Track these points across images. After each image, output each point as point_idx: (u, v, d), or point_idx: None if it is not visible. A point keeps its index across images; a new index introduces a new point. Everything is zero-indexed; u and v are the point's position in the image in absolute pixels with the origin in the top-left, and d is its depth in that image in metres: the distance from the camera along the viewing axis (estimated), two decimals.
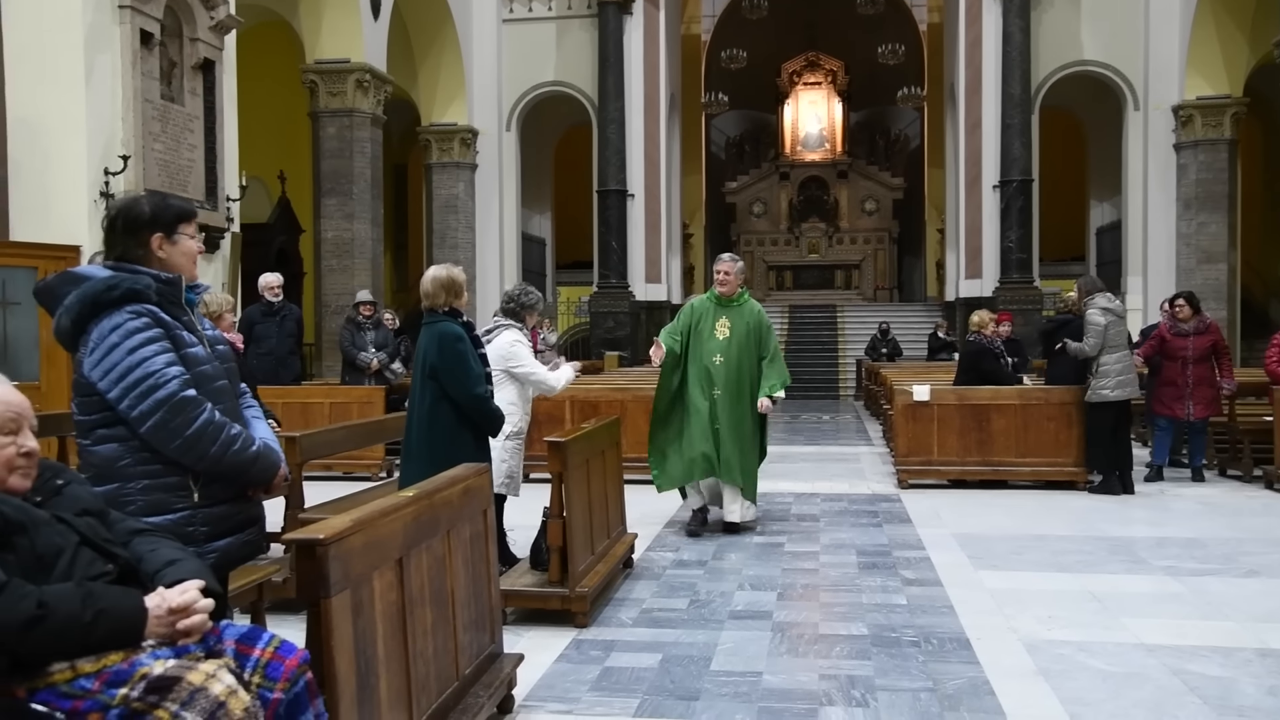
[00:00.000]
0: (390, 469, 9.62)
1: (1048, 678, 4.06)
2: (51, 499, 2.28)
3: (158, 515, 2.64)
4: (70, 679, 2.02)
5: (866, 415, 16.73)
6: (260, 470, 2.85)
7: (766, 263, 30.42)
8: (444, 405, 4.82)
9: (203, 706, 2.01)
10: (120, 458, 2.66)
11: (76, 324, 2.66)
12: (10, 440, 2.21)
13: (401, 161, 25.12)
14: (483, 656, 3.61)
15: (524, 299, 5.83)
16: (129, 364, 2.62)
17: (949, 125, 22.47)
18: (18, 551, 2.09)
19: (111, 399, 2.63)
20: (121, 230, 2.78)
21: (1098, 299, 8.53)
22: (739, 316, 6.95)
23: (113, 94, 9.63)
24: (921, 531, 7.06)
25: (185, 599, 2.18)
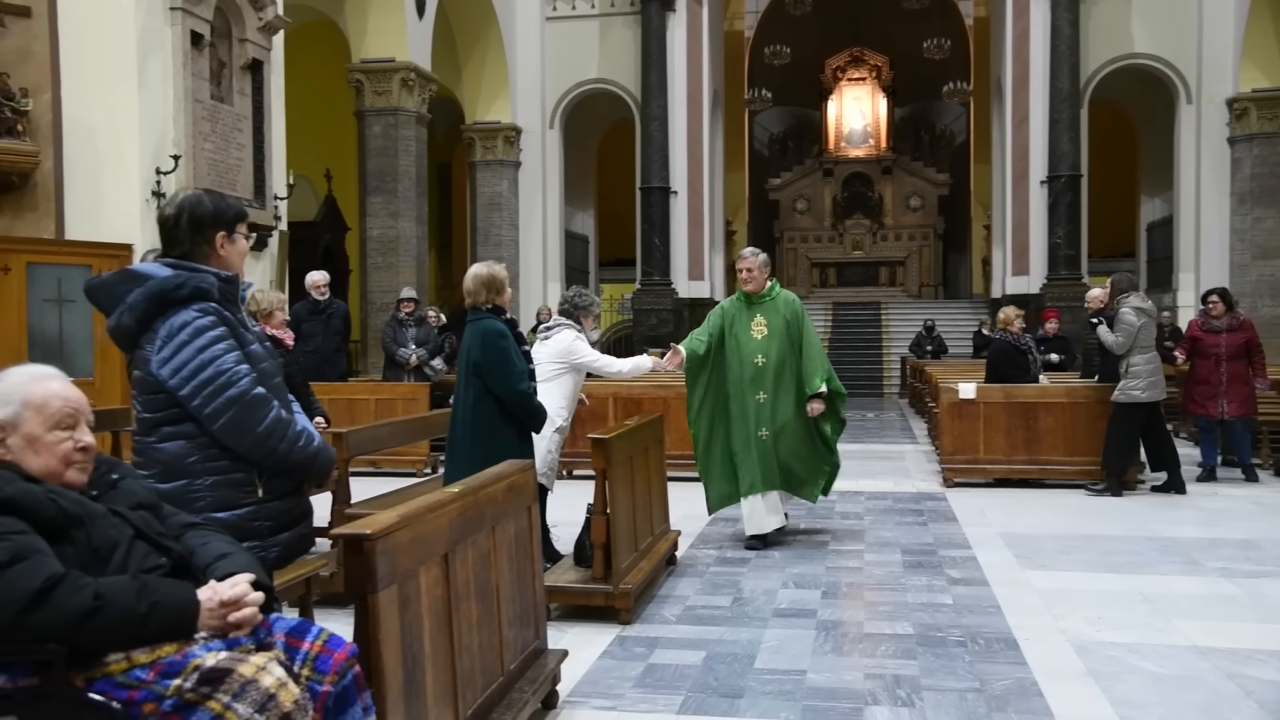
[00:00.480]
0: (434, 465, 9.69)
1: (1097, 679, 4.00)
2: (107, 493, 2.32)
3: (224, 511, 2.68)
4: (126, 669, 2.05)
5: (911, 413, 16.59)
6: (321, 465, 2.89)
7: (810, 259, 30.26)
8: (488, 402, 4.84)
9: (254, 698, 2.04)
10: (187, 455, 2.69)
11: (142, 322, 2.69)
12: (68, 435, 2.25)
13: (446, 160, 25.28)
14: (527, 652, 3.63)
15: (578, 300, 5.89)
16: (200, 362, 2.65)
17: (995, 120, 22.20)
18: (75, 544, 2.13)
19: (182, 396, 2.65)
20: (187, 227, 2.79)
21: (1131, 298, 8.37)
22: (774, 311, 6.50)
23: (164, 94, 9.78)
24: (967, 530, 6.99)
25: (236, 592, 2.21)
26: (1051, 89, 18.57)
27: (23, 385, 2.24)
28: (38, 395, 2.24)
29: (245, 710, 2.02)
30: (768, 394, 6.37)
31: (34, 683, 2.02)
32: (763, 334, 6.46)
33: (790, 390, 6.42)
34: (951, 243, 30.40)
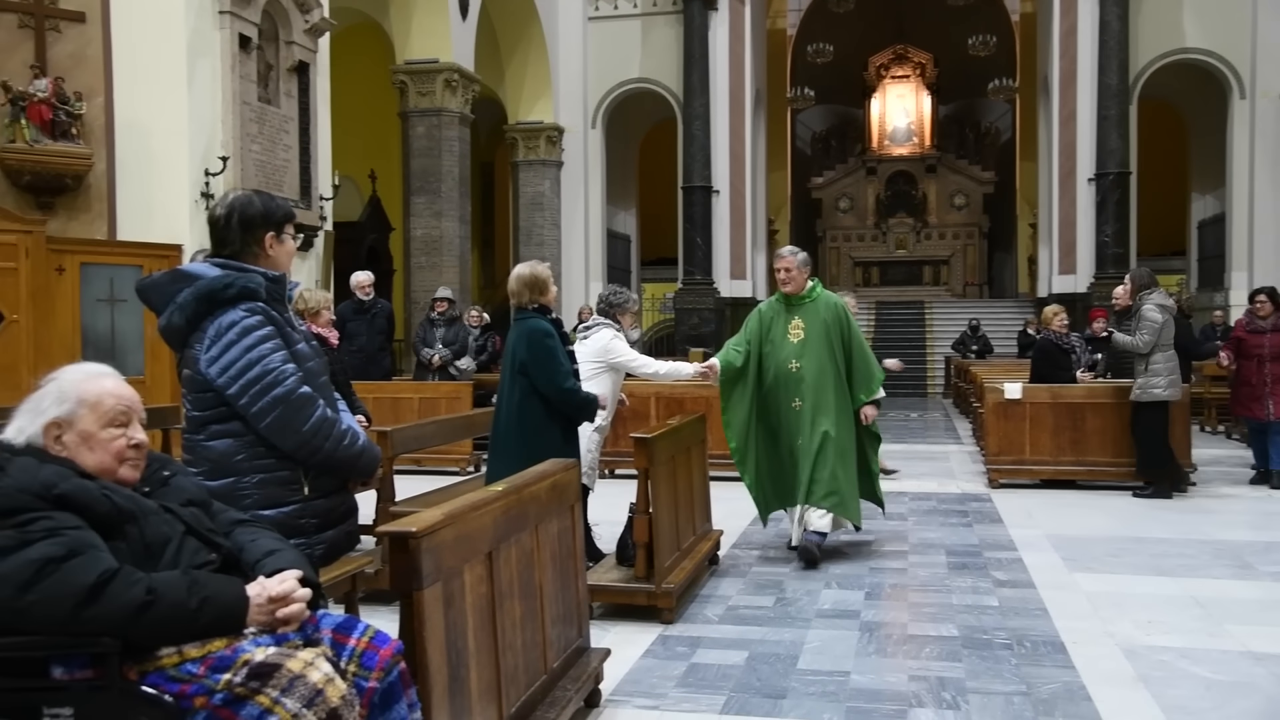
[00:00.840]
0: (477, 463, 9.74)
1: (1148, 685, 3.94)
2: (159, 489, 2.36)
3: (271, 509, 2.71)
4: (177, 663, 2.08)
5: (955, 413, 16.43)
6: (366, 463, 2.91)
7: (853, 259, 30.09)
8: (532, 401, 4.85)
9: (301, 693, 2.06)
10: (235, 453, 2.73)
11: (191, 321, 2.73)
12: (121, 432, 2.29)
13: (488, 159, 25.42)
14: (570, 650, 3.63)
15: (613, 299, 5.88)
16: (248, 361, 2.68)
17: (1042, 117, 21.93)
18: (128, 540, 2.17)
19: (230, 395, 2.69)
20: (238, 227, 2.82)
21: (1154, 294, 8.21)
22: (812, 314, 6.09)
23: (212, 97, 9.92)
24: (1013, 532, 6.91)
25: (284, 588, 2.23)
26: (1100, 85, 18.31)
27: (78, 383, 2.28)
28: (92, 393, 2.28)
29: (293, 705, 2.04)
30: (803, 401, 5.99)
31: (89, 675, 2.05)
32: (799, 338, 6.06)
33: (830, 398, 5.97)
34: (997, 241, 30.09)
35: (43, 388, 2.28)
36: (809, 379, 5.99)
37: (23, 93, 9.12)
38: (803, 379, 6.00)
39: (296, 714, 2.04)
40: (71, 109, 9.31)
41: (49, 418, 2.23)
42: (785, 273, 6.13)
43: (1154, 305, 8.11)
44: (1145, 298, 8.20)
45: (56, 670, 2.07)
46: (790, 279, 6.12)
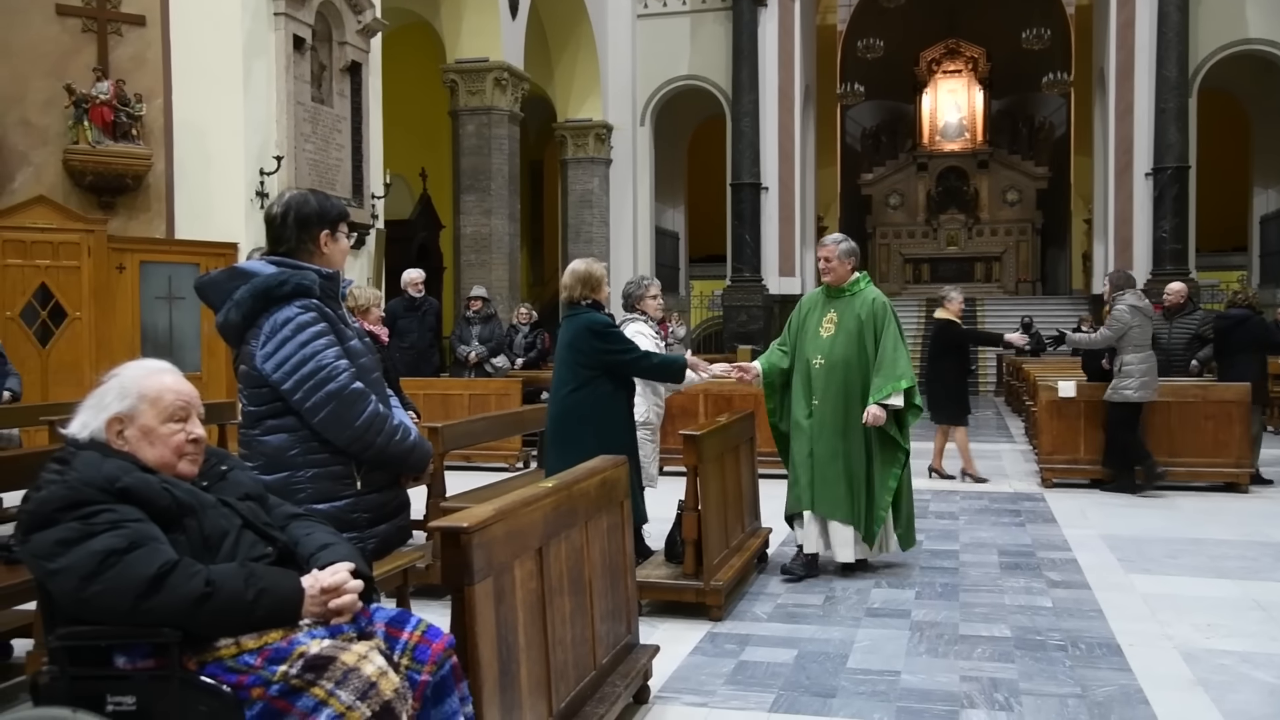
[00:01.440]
0: (526, 460, 9.80)
1: (1208, 689, 3.86)
2: (217, 484, 2.40)
3: (324, 503, 2.74)
4: (235, 654, 2.12)
5: (1007, 411, 16.23)
6: (417, 459, 2.94)
7: (903, 255, 29.80)
8: (578, 395, 4.87)
9: (355, 686, 2.08)
10: (289, 448, 2.77)
11: (247, 317, 2.77)
12: (180, 427, 2.33)
13: (538, 157, 25.53)
14: (619, 646, 3.64)
15: (628, 289, 5.84)
16: (302, 357, 2.71)
17: (1098, 111, 21.57)
18: (188, 533, 2.21)
19: (285, 390, 2.73)
20: (294, 225, 2.86)
21: (1127, 295, 8.19)
22: (849, 308, 5.57)
23: (267, 97, 10.07)
24: (1067, 532, 6.82)
25: (336, 579, 2.26)
26: (1158, 78, 17.98)
27: (139, 379, 2.33)
28: (153, 389, 2.32)
29: (348, 697, 2.07)
30: (819, 401, 5.49)
31: (150, 665, 2.10)
32: (829, 332, 5.55)
33: (854, 401, 5.45)
34: (1050, 237, 29.64)
35: (105, 384, 2.33)
36: (829, 377, 5.48)
37: (86, 95, 9.33)
38: (822, 376, 5.50)
39: (350, 706, 2.06)
40: (132, 110, 9.50)
41: (111, 413, 2.28)
42: (825, 262, 5.67)
43: (1125, 306, 8.12)
44: (1119, 298, 8.21)
45: (119, 660, 2.12)
46: (830, 269, 5.64)
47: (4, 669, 4.27)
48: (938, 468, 9.20)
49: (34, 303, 8.84)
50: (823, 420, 5.45)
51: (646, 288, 5.82)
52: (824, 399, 5.47)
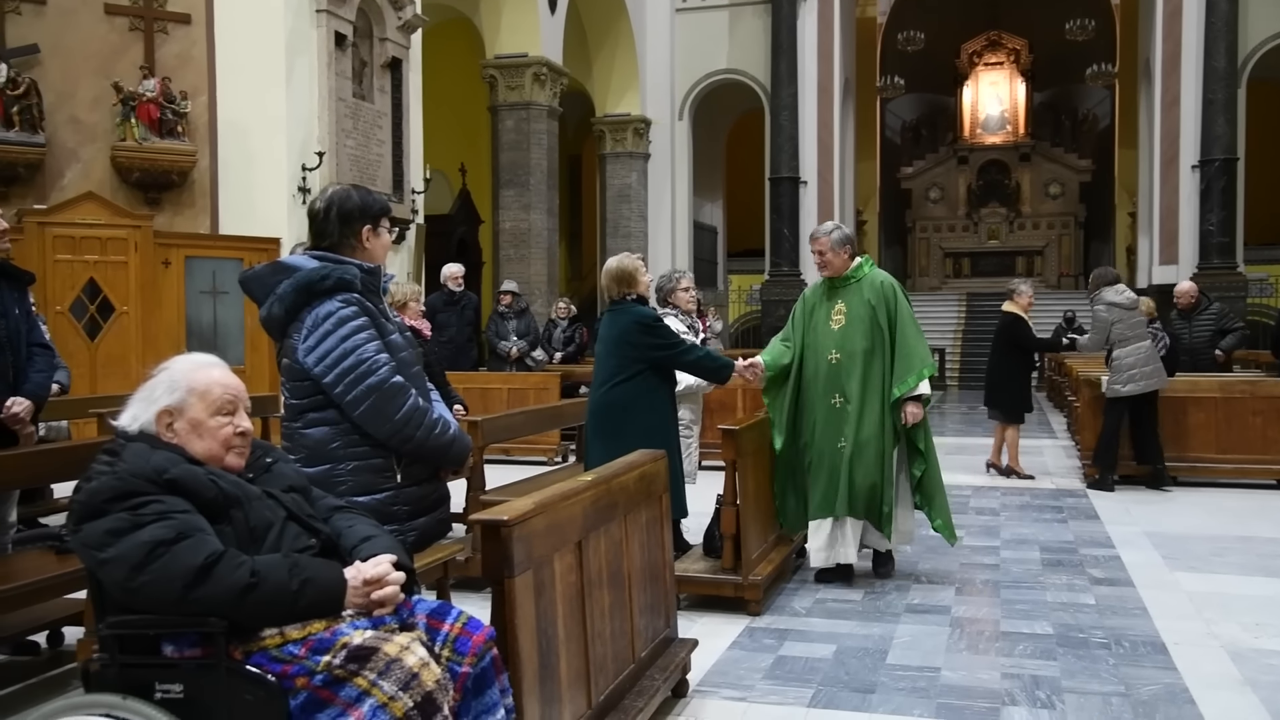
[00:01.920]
0: (565, 453, 9.83)
1: (1255, 689, 3.80)
2: (262, 476, 2.43)
3: (365, 495, 2.77)
4: (280, 644, 2.15)
5: (1049, 407, 16.06)
6: (457, 452, 2.97)
7: (943, 249, 29.54)
8: (625, 388, 4.87)
9: (398, 676, 2.10)
10: (330, 440, 2.80)
11: (290, 312, 2.81)
12: (228, 420, 2.37)
13: (576, 152, 25.57)
14: (658, 640, 3.65)
15: (659, 284, 5.85)
16: (343, 351, 2.75)
17: (1143, 103, 21.24)
18: (234, 524, 2.24)
19: (326, 384, 2.76)
20: (336, 220, 2.90)
21: (1105, 293, 8.14)
22: (856, 295, 5.27)
23: (309, 94, 10.17)
24: (1111, 529, 6.74)
25: (378, 571, 2.29)
26: (1206, 68, 17.65)
27: (188, 373, 2.37)
28: (201, 382, 2.36)
29: (390, 688, 2.09)
30: (844, 397, 5.21)
31: (197, 654, 2.13)
32: (840, 324, 5.28)
33: (876, 394, 5.19)
34: (1093, 231, 29.23)
35: (154, 377, 2.37)
36: (851, 371, 5.20)
37: (133, 93, 9.48)
38: (843, 371, 5.22)
39: (393, 696, 2.08)
40: (177, 108, 9.64)
41: (161, 406, 2.32)
42: (819, 255, 5.36)
43: (1103, 305, 8.11)
44: (1096, 298, 8.20)
45: (167, 648, 2.15)
46: (825, 262, 5.35)
47: (56, 656, 4.37)
48: (995, 463, 9.09)
49: (83, 297, 9.00)
50: (862, 414, 5.15)
51: (677, 280, 5.83)
52: (855, 392, 5.17)
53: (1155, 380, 8.07)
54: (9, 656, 4.31)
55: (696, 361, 4.99)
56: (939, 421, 14.22)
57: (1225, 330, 9.70)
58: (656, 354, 4.86)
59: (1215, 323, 9.77)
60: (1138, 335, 8.05)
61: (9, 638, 4.11)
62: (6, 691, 3.95)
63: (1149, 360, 8.04)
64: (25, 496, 5.41)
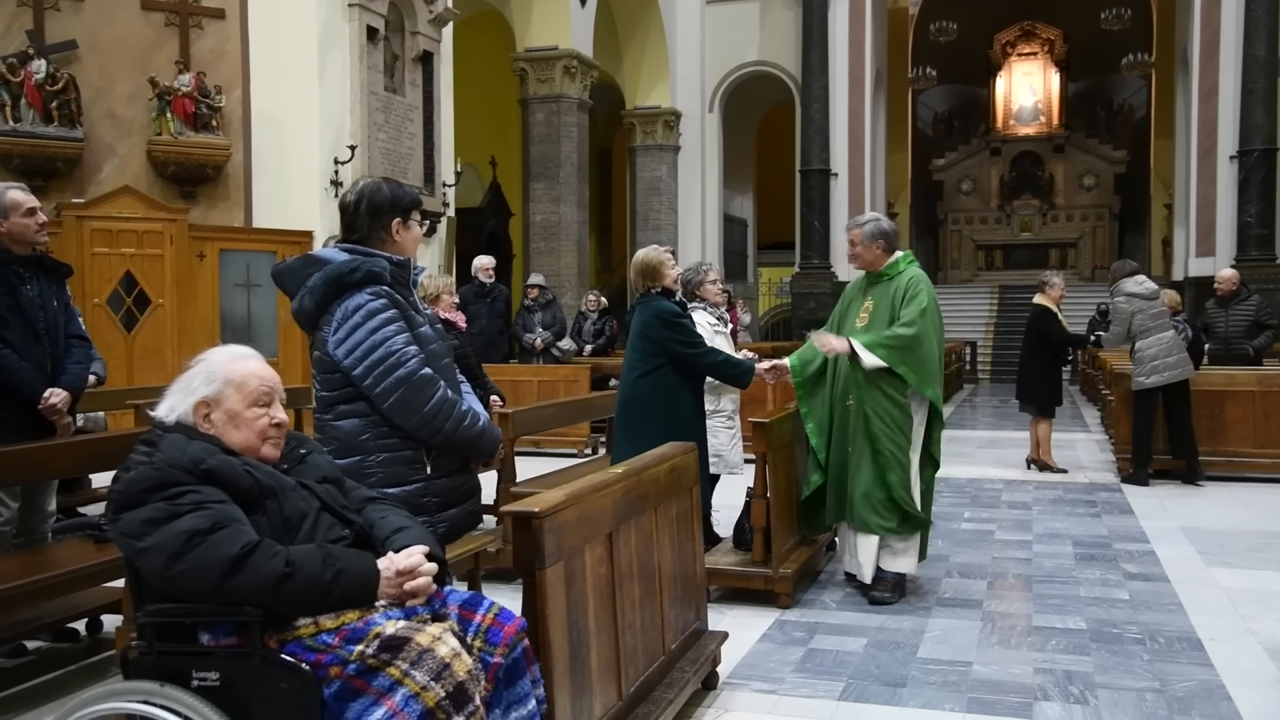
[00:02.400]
0: (595, 445, 9.85)
1: None
2: (296, 467, 2.46)
3: (395, 487, 2.79)
4: (314, 634, 2.17)
5: (1082, 400, 15.91)
6: (486, 444, 2.98)
7: (975, 242, 29.29)
8: (647, 381, 4.88)
9: (430, 666, 2.12)
10: (361, 432, 2.82)
11: (320, 304, 2.83)
12: (264, 412, 2.39)
13: (606, 145, 25.58)
14: (688, 632, 3.66)
15: (686, 276, 5.67)
16: (372, 343, 2.77)
17: (1180, 93, 20.96)
18: (268, 514, 2.26)
19: (355, 376, 2.78)
20: (366, 213, 2.92)
21: (1124, 284, 8.06)
22: (885, 293, 4.96)
23: (341, 88, 10.24)
24: (1145, 524, 6.67)
25: (411, 562, 2.30)
26: (1245, 57, 17.39)
27: (225, 364, 2.39)
28: (238, 374, 2.39)
29: (422, 678, 2.11)
30: (853, 401, 4.90)
31: (233, 643, 2.15)
32: (864, 322, 4.99)
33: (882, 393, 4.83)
34: (1128, 223, 28.89)
35: (191, 369, 2.40)
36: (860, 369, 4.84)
37: (168, 88, 9.58)
38: (854, 368, 4.87)
39: (425, 686, 2.09)
40: (212, 102, 9.73)
41: (198, 397, 2.35)
42: (851, 246, 5.09)
43: (1123, 296, 8.04)
44: (1117, 290, 8.13)
45: (204, 637, 2.18)
46: (855, 254, 5.06)
47: (95, 643, 4.43)
48: (1036, 458, 9.01)
49: (119, 290, 9.11)
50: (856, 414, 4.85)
51: (705, 273, 5.75)
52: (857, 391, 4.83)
53: (1180, 371, 7.96)
54: (49, 643, 4.38)
55: (715, 365, 4.93)
56: (970, 415, 14.12)
57: (1261, 324, 9.58)
58: (676, 350, 4.83)
59: (1253, 314, 9.64)
60: (1159, 326, 7.96)
61: (49, 625, 4.17)
62: (47, 678, 4.02)
63: (1171, 351, 7.94)
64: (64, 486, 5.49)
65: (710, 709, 3.63)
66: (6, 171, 8.90)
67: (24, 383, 4.22)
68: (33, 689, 3.89)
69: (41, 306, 4.34)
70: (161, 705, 2.10)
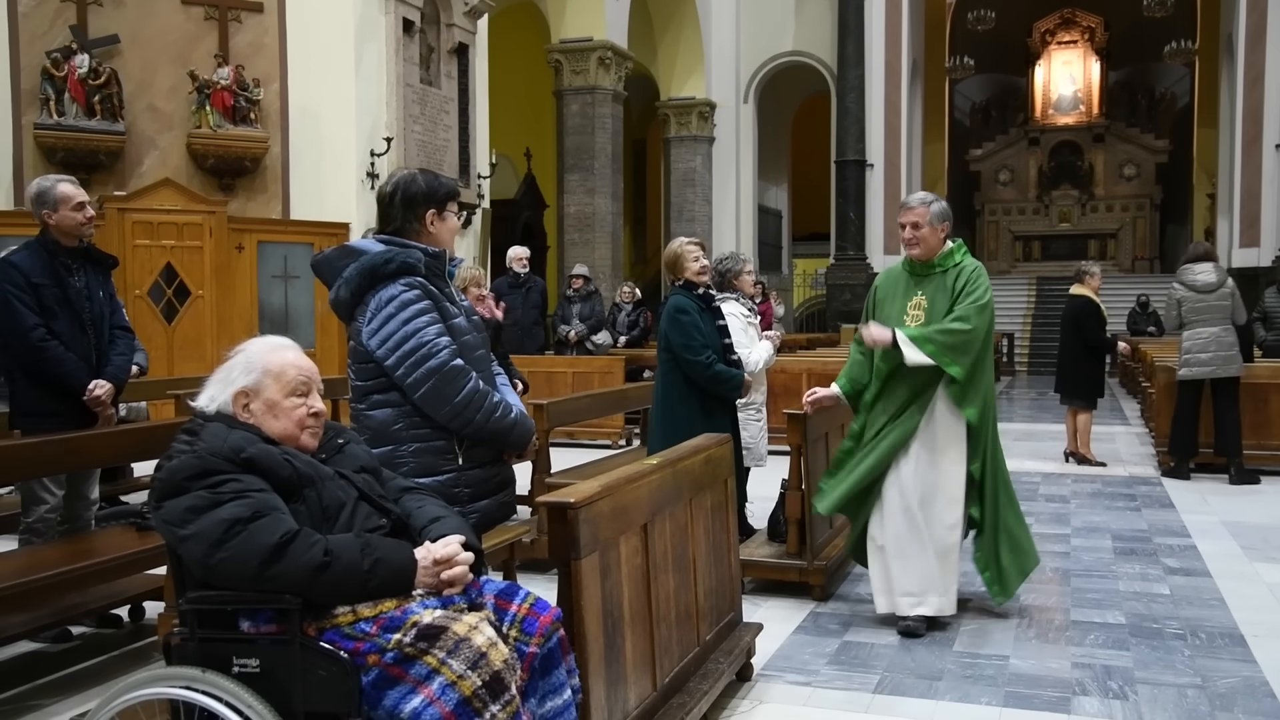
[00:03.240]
0: (629, 437, 9.86)
1: None
2: (334, 456, 2.48)
3: (427, 477, 2.80)
4: (352, 622, 2.19)
5: (1121, 392, 15.72)
6: (518, 436, 2.98)
7: (1012, 233, 28.99)
8: (674, 375, 4.89)
9: (466, 656, 2.13)
10: (393, 422, 2.84)
11: (355, 295, 2.85)
12: (302, 401, 2.41)
13: (641, 136, 25.55)
14: (723, 624, 3.66)
15: (720, 266, 5.59)
16: (405, 334, 2.78)
17: (1224, 81, 20.62)
18: (307, 503, 2.28)
19: (388, 366, 2.80)
20: (400, 204, 2.93)
21: (1182, 271, 7.99)
22: (940, 287, 4.30)
23: (378, 80, 10.30)
24: (1186, 518, 6.58)
25: (448, 551, 2.32)
26: None
27: (263, 355, 2.42)
28: (276, 364, 2.41)
29: (459, 667, 2.12)
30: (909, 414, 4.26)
31: (273, 630, 2.18)
32: (919, 320, 4.28)
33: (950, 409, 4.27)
34: (1170, 213, 28.47)
35: (231, 359, 2.43)
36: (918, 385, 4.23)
37: (208, 81, 9.68)
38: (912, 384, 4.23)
39: (461, 675, 2.11)
40: (250, 95, 9.82)
41: (238, 387, 2.37)
42: (912, 229, 4.32)
43: (1178, 282, 7.97)
44: (1177, 274, 8.07)
45: (244, 624, 2.20)
46: (918, 239, 4.31)
47: (137, 629, 4.50)
48: (1074, 450, 8.90)
49: (160, 281, 9.22)
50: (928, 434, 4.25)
51: (744, 264, 5.66)
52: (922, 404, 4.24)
53: (1212, 369, 7.77)
54: (94, 629, 4.46)
55: (703, 376, 4.76)
56: (1007, 407, 13.99)
57: None
58: (674, 347, 4.82)
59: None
60: (1202, 320, 7.80)
61: (93, 611, 4.25)
62: (92, 663, 4.09)
63: (1208, 346, 7.76)
64: (106, 475, 5.58)
65: (745, 700, 3.63)
66: (51, 165, 9.04)
67: (70, 374, 4.30)
68: (78, 673, 3.95)
69: (88, 298, 4.41)
70: (204, 691, 2.13)
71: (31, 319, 4.19)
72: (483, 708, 2.11)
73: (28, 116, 9.21)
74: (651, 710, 2.98)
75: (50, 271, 4.27)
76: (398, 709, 2.12)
